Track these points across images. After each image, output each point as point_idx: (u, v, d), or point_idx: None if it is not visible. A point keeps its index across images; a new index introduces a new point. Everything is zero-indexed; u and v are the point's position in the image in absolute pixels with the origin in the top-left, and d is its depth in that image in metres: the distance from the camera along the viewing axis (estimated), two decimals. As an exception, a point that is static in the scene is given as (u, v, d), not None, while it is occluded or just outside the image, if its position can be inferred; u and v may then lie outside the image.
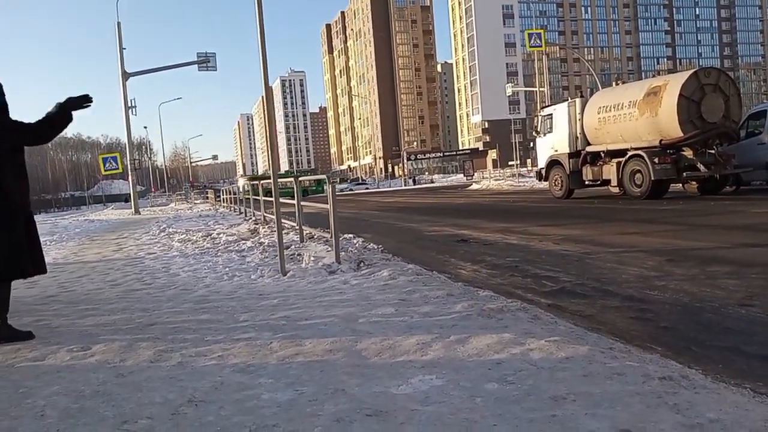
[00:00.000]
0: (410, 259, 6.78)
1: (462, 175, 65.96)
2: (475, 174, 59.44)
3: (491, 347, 3.01)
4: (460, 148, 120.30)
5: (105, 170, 28.81)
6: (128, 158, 28.81)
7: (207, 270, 6.64)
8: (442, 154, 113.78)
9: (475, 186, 34.22)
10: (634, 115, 14.25)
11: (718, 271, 5.05)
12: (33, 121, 4.05)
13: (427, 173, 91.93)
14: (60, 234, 14.62)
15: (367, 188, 64.55)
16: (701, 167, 13.52)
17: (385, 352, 3.11)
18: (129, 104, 28.42)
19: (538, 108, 19.73)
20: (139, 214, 26.24)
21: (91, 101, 4.20)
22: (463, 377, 2.59)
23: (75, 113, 4.12)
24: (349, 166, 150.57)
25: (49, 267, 8.16)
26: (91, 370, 3.11)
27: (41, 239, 4.29)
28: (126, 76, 27.84)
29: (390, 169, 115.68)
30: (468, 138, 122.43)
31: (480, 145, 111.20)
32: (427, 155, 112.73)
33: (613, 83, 17.64)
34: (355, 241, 7.75)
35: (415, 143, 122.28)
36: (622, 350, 2.96)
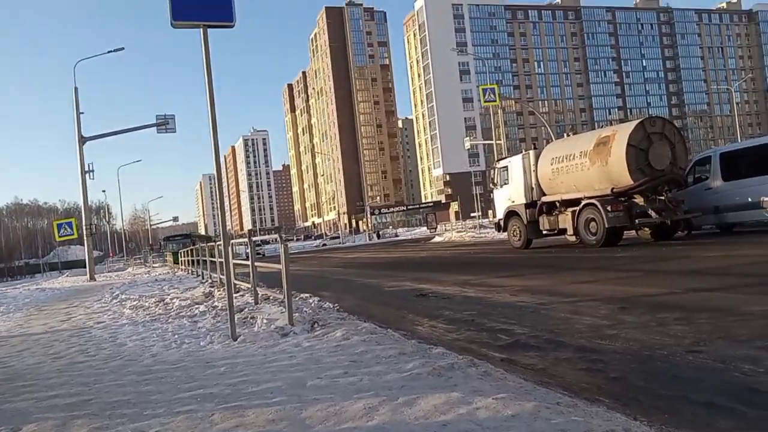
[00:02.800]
0: (367, 317, 6.70)
1: (425, 227, 66.38)
2: (439, 226, 59.87)
3: (438, 408, 2.94)
4: (423, 201, 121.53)
5: (59, 236, 28.12)
6: (84, 223, 28.14)
7: (156, 338, 6.41)
8: (405, 208, 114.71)
9: (438, 239, 34.41)
10: (586, 164, 14.56)
11: (668, 318, 5.09)
12: None
13: (391, 227, 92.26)
14: (7, 305, 14.04)
15: (324, 244, 64.43)
16: (653, 213, 13.78)
17: (330, 419, 3.01)
18: (86, 168, 27.99)
19: (495, 160, 20.11)
20: (95, 280, 25.46)
21: None
22: (405, 443, 2.51)
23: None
24: (313, 222, 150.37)
25: (-10, 341, 7.84)
26: (14, 455, 2.91)
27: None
28: (83, 140, 27.50)
29: (354, 224, 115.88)
30: (430, 191, 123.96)
31: (442, 198, 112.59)
32: (391, 209, 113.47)
33: (565, 134, 18.16)
34: (311, 301, 7.62)
35: (378, 198, 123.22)
36: (569, 404, 2.92)
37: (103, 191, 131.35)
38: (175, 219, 78.92)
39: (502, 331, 5.39)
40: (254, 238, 8.54)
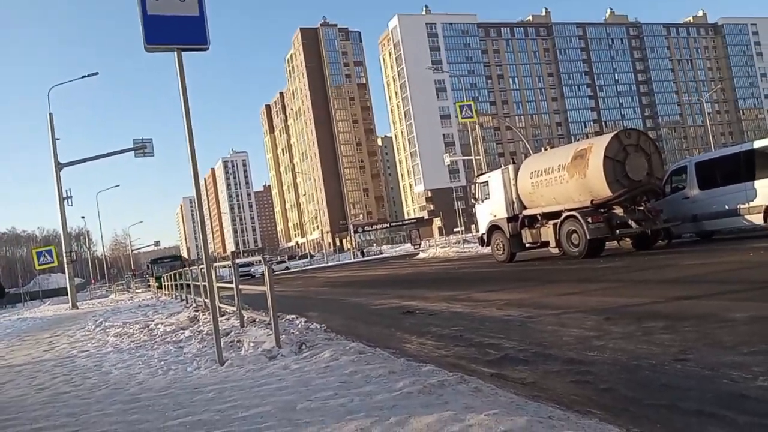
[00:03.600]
0: (355, 336, 6.66)
1: (410, 244, 66.45)
2: (422, 242, 59.98)
3: (431, 427, 2.93)
4: (406, 217, 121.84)
5: (39, 265, 27.68)
6: (64, 250, 27.71)
7: (141, 365, 6.31)
8: (389, 225, 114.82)
9: (422, 255, 34.44)
10: (564, 177, 14.74)
11: (654, 327, 5.14)
12: None
13: (375, 244, 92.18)
14: (-13, 336, 13.73)
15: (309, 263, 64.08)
16: (632, 224, 13.96)
17: (322, 442, 2.98)
18: (64, 195, 27.64)
19: (475, 176, 20.27)
20: (77, 308, 25.02)
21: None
22: (400, 464, 2.49)
23: None
24: (296, 242, 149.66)
25: (-31, 375, 7.65)
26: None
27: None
28: (60, 166, 27.19)
29: (338, 243, 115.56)
30: (413, 207, 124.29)
31: (425, 214, 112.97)
32: (374, 227, 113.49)
33: (542, 148, 18.36)
34: (297, 322, 7.57)
35: (361, 216, 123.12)
36: (561, 417, 2.93)
37: (83, 217, 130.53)
38: (157, 243, 78.18)
39: (490, 345, 5.40)
40: (238, 261, 8.47)
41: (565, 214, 14.66)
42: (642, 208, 14.04)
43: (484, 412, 3.01)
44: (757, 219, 12.52)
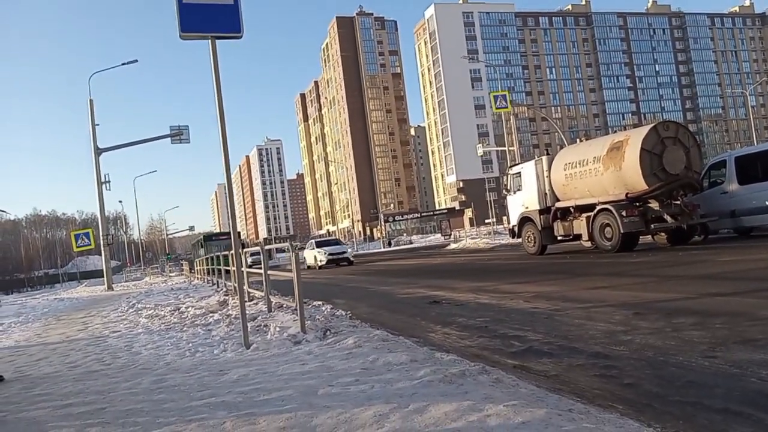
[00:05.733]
0: (379, 324, 6.69)
1: (440, 234, 66.25)
2: (453, 233, 59.76)
3: (449, 415, 2.93)
4: (437, 208, 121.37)
5: (77, 247, 28.45)
6: (101, 233, 28.44)
7: (170, 347, 6.45)
8: (419, 215, 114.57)
9: (452, 245, 34.32)
10: (599, 170, 14.48)
11: (683, 323, 5.03)
12: None
13: (405, 234, 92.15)
14: (27, 315, 14.19)
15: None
16: (668, 218, 13.67)
17: (341, 427, 3.01)
18: (102, 179, 28.33)
19: (508, 167, 20.07)
20: (112, 290, 25.70)
21: None
22: (416, 450, 2.50)
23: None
24: (327, 230, 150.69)
25: (10, 350, 7.96)
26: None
27: (7, 321, 4.17)
28: (99, 151, 27.87)
29: (369, 232, 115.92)
30: (444, 198, 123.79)
31: (456, 205, 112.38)
32: (405, 216, 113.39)
33: (578, 140, 18.08)
34: (323, 309, 7.64)
35: (392, 205, 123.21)
36: (581, 411, 2.90)
37: (120, 201, 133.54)
38: (191, 228, 79.47)
39: (515, 337, 5.36)
40: (266, 247, 8.57)
41: (598, 207, 14.40)
42: (678, 202, 13.74)
43: (503, 403, 3.00)
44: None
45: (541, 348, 4.82)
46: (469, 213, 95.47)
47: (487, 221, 69.87)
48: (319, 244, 30.53)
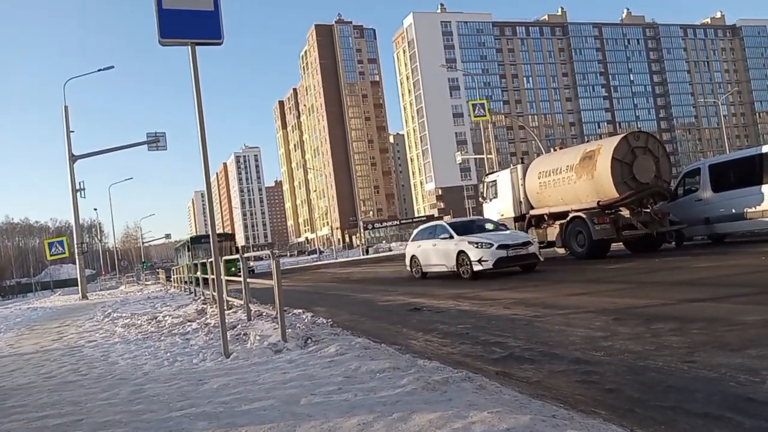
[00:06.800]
0: (361, 332, 6.66)
1: (419, 242, 66.24)
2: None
3: (433, 423, 2.91)
4: (416, 215, 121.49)
5: (51, 255, 27.95)
6: (76, 242, 27.96)
7: (148, 356, 6.34)
8: (398, 222, 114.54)
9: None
10: (572, 178, 14.87)
11: (662, 329, 5.09)
12: None
13: (384, 242, 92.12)
14: (-2, 325, 13.88)
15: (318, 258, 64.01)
16: (638, 225, 14.04)
17: (324, 436, 2.98)
18: (77, 187, 27.88)
19: (485, 175, 20.34)
20: (87, 299, 25.24)
21: None
22: (401, 459, 2.48)
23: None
24: (306, 238, 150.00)
25: (-21, 362, 7.73)
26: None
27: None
28: (74, 158, 27.43)
29: (348, 239, 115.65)
30: (423, 205, 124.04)
31: (435, 212, 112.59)
32: (384, 224, 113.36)
33: (552, 149, 18.36)
34: (304, 317, 7.58)
35: (371, 212, 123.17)
36: (565, 417, 2.91)
37: (95, 209, 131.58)
38: (168, 236, 78.57)
39: (496, 344, 5.37)
40: (245, 255, 8.49)
41: (571, 215, 14.75)
42: (648, 210, 14.14)
43: (487, 410, 2.99)
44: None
45: (523, 354, 4.84)
46: (447, 220, 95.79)
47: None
48: (463, 228, 14.41)
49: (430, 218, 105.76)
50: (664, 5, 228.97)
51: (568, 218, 14.84)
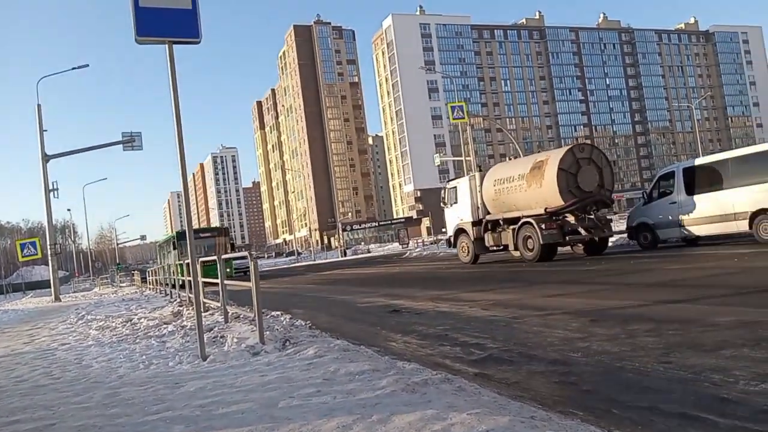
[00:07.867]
0: (340, 334, 6.64)
1: (398, 243, 66.41)
2: (410, 242, 59.99)
3: (413, 425, 2.91)
4: (395, 217, 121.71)
5: (22, 257, 27.32)
6: (48, 243, 27.44)
7: (122, 359, 6.24)
8: (377, 224, 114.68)
9: (410, 254, 34.44)
10: (524, 186, 15.79)
11: (638, 330, 5.15)
12: None
13: (363, 243, 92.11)
14: (-33, 328, 13.55)
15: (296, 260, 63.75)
16: (582, 231, 15.24)
17: (303, 439, 2.95)
18: (50, 187, 27.38)
19: (446, 181, 21.00)
20: (60, 301, 24.80)
21: None
22: (381, 461, 2.47)
23: None
24: (284, 239, 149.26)
25: (-53, 366, 7.54)
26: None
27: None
28: (47, 158, 26.95)
29: (326, 241, 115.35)
30: (402, 207, 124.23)
31: (414, 214, 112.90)
32: (363, 225, 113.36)
33: (507, 158, 18.94)
34: (282, 319, 7.53)
35: (350, 214, 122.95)
36: (543, 418, 2.92)
37: (68, 210, 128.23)
38: (143, 237, 77.54)
39: (475, 345, 5.39)
40: (224, 256, 8.41)
41: (522, 221, 15.68)
42: (592, 216, 15.19)
43: (466, 411, 3.00)
44: (743, 226, 12.63)
45: (501, 356, 4.86)
46: (426, 222, 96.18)
47: (444, 230, 70.30)
48: None
49: (409, 220, 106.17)
50: (639, 10, 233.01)
51: (519, 223, 15.78)
